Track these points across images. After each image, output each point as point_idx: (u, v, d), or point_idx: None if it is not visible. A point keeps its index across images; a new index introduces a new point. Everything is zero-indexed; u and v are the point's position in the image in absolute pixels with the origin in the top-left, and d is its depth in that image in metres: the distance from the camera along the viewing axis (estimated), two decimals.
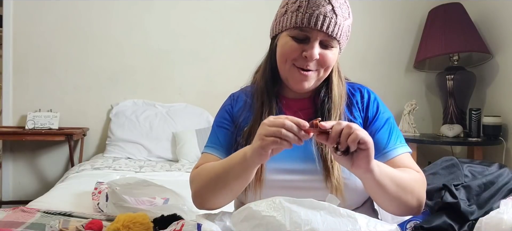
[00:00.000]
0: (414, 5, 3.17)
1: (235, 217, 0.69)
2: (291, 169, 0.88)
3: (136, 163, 2.47)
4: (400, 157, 0.89)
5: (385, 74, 3.16)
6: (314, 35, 0.85)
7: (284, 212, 0.65)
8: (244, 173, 0.80)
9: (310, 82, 0.89)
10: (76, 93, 2.95)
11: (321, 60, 0.87)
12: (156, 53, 3.03)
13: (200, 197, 0.89)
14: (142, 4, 3.00)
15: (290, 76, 0.89)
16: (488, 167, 0.99)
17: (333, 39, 0.86)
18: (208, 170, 0.88)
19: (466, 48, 2.69)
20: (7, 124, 2.86)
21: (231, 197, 0.87)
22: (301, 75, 0.87)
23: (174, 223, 0.85)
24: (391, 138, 0.90)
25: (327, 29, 0.84)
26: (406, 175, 0.84)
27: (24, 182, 2.92)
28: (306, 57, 0.85)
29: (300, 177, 0.87)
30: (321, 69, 0.89)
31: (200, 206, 0.91)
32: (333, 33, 0.85)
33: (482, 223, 0.74)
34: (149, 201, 1.46)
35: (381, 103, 0.97)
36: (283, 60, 0.89)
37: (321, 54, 0.86)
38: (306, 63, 0.86)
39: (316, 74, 0.89)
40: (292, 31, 0.87)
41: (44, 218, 1.12)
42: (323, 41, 0.86)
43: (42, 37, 2.90)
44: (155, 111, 2.89)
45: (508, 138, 2.58)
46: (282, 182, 0.87)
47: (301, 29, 0.85)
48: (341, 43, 0.90)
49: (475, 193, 0.87)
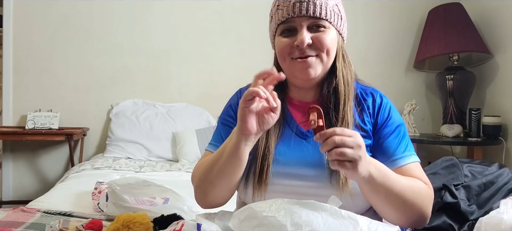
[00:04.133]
0: (414, 5, 3.17)
1: (236, 217, 0.69)
2: (298, 174, 0.85)
3: (136, 163, 2.47)
4: (409, 166, 0.86)
5: (385, 74, 3.16)
6: (298, 22, 0.85)
7: (285, 213, 0.65)
8: (235, 153, 0.79)
9: (314, 68, 0.86)
10: (76, 93, 2.95)
11: (316, 43, 0.85)
12: (156, 53, 3.03)
13: (201, 191, 0.88)
14: (143, 4, 3.00)
15: (294, 69, 0.88)
16: (488, 167, 0.99)
17: (319, 19, 0.85)
18: (205, 162, 0.88)
19: (466, 48, 2.69)
20: (7, 123, 2.86)
21: (229, 187, 0.86)
22: (302, 63, 0.86)
23: (174, 223, 0.85)
24: (400, 146, 0.88)
25: (307, 12, 0.84)
26: (411, 185, 0.80)
27: (24, 182, 2.92)
28: (298, 46, 0.85)
29: (307, 183, 0.85)
30: (322, 53, 0.86)
31: (201, 203, 0.90)
32: (316, 14, 0.84)
33: (482, 223, 0.75)
34: (149, 201, 1.46)
35: (394, 109, 0.94)
36: (282, 59, 0.89)
37: (314, 37, 0.85)
38: (301, 51, 0.85)
39: (318, 60, 0.87)
40: (280, 28, 0.88)
41: (44, 218, 1.12)
42: (311, 25, 0.86)
43: (42, 37, 2.90)
44: (155, 111, 2.89)
45: (508, 138, 2.58)
46: (287, 187, 0.85)
47: (286, 22, 0.86)
48: (334, 23, 0.88)
49: (475, 193, 0.87)
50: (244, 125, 0.75)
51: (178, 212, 1.00)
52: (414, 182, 0.82)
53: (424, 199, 0.81)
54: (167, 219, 0.94)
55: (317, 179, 0.84)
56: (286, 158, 0.79)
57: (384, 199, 0.77)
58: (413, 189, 0.80)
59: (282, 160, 0.85)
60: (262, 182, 0.84)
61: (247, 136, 0.76)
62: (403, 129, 0.91)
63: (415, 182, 0.82)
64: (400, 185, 0.78)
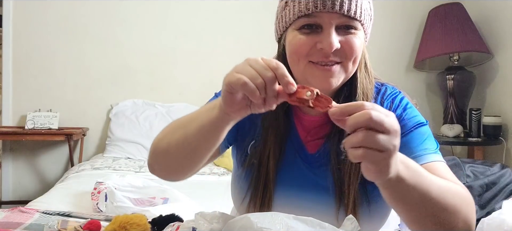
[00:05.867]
0: (414, 5, 3.16)
1: (231, 225, 0.68)
2: (301, 200, 0.75)
3: (136, 163, 2.47)
4: (434, 164, 0.69)
5: (385, 74, 3.10)
6: (327, 19, 0.67)
7: (280, 226, 0.63)
8: (210, 122, 0.63)
9: (337, 78, 0.70)
10: (76, 93, 2.94)
11: (346, 49, 0.69)
12: (156, 53, 3.02)
13: (155, 154, 0.75)
14: (143, 4, 3.00)
15: (310, 76, 0.71)
16: (490, 167, 0.98)
17: (352, 20, 0.69)
18: (172, 123, 0.75)
19: (466, 48, 2.68)
20: (7, 123, 2.85)
21: (191, 159, 0.71)
22: (324, 71, 0.69)
23: (170, 225, 0.85)
24: (423, 142, 0.72)
25: (341, 9, 0.66)
26: (450, 186, 0.62)
27: (24, 182, 2.92)
28: (322, 50, 0.68)
29: (311, 211, 0.70)
30: (348, 61, 0.70)
31: (153, 167, 0.79)
32: (350, 13, 0.67)
33: (484, 223, 0.74)
34: (149, 201, 1.46)
35: (413, 108, 0.79)
36: (295, 60, 0.72)
37: (343, 41, 0.68)
38: (325, 57, 0.68)
39: (342, 68, 0.70)
40: (298, 22, 0.70)
41: (43, 218, 1.11)
42: (341, 25, 0.69)
43: (42, 37, 2.90)
44: (155, 111, 2.89)
45: (508, 138, 2.57)
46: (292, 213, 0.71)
47: (309, 16, 0.68)
48: (365, 26, 0.72)
49: (477, 194, 0.87)
50: (230, 98, 0.59)
51: (177, 212, 0.99)
52: (450, 183, 0.64)
53: (468, 204, 0.63)
54: (166, 219, 0.93)
55: (323, 207, 0.73)
56: (288, 184, 0.70)
57: (419, 207, 0.58)
58: (453, 191, 0.62)
59: (284, 187, 0.76)
60: (265, 205, 0.76)
61: (230, 110, 0.60)
62: (426, 127, 0.76)
63: (451, 183, 0.64)
64: (437, 187, 0.59)
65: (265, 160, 0.77)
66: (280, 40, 0.78)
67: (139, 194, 1.48)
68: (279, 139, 0.77)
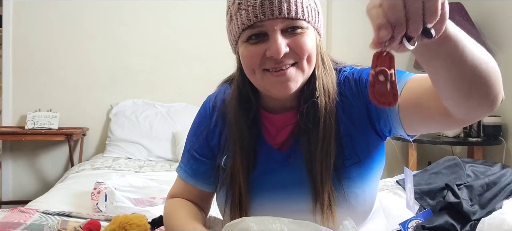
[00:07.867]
0: None
1: (228, 228, 0.68)
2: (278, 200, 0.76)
3: (136, 163, 2.47)
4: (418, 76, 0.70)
5: None
6: (270, 26, 0.67)
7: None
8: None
9: (295, 80, 0.71)
10: (76, 93, 2.94)
11: (296, 50, 0.69)
12: (156, 53, 3.02)
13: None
14: (142, 4, 2.99)
15: (268, 84, 0.71)
16: (491, 167, 0.98)
17: (296, 20, 0.68)
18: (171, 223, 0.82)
19: None
20: (7, 123, 2.85)
21: None
22: (280, 76, 0.69)
23: None
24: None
25: (281, 13, 0.66)
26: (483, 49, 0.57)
27: (24, 182, 2.91)
28: (272, 57, 0.68)
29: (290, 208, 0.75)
30: (302, 60, 0.70)
31: None
32: (291, 14, 0.67)
33: (485, 223, 0.74)
34: (149, 201, 1.46)
35: (363, 68, 0.79)
36: (251, 71, 0.72)
37: (291, 43, 0.68)
38: (277, 62, 0.69)
39: (298, 70, 0.71)
40: (244, 34, 0.70)
41: (43, 218, 1.11)
42: (286, 28, 0.68)
43: (42, 37, 2.90)
44: (155, 111, 2.89)
45: (508, 138, 2.57)
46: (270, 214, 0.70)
47: (253, 26, 0.68)
48: (312, 22, 0.71)
49: (477, 193, 0.87)
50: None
51: None
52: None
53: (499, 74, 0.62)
54: None
55: (300, 205, 0.74)
56: (266, 189, 0.71)
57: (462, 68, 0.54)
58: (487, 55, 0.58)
59: (263, 193, 0.76)
60: (242, 215, 0.75)
61: None
62: None
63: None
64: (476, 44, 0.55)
65: (235, 173, 0.77)
66: (238, 53, 0.78)
67: (139, 194, 1.48)
68: (245, 151, 0.77)
